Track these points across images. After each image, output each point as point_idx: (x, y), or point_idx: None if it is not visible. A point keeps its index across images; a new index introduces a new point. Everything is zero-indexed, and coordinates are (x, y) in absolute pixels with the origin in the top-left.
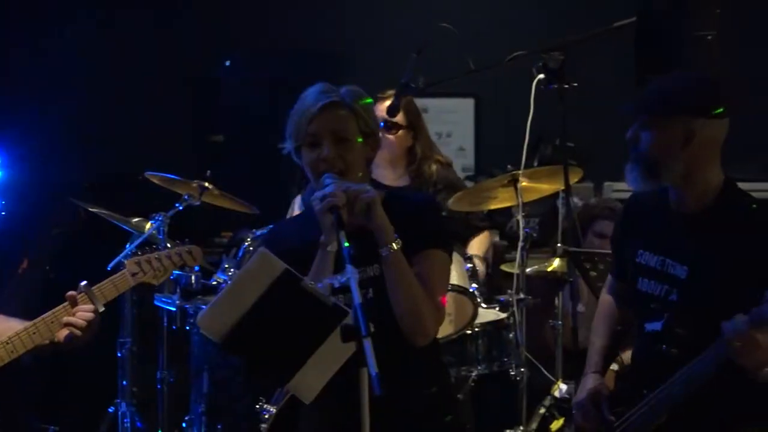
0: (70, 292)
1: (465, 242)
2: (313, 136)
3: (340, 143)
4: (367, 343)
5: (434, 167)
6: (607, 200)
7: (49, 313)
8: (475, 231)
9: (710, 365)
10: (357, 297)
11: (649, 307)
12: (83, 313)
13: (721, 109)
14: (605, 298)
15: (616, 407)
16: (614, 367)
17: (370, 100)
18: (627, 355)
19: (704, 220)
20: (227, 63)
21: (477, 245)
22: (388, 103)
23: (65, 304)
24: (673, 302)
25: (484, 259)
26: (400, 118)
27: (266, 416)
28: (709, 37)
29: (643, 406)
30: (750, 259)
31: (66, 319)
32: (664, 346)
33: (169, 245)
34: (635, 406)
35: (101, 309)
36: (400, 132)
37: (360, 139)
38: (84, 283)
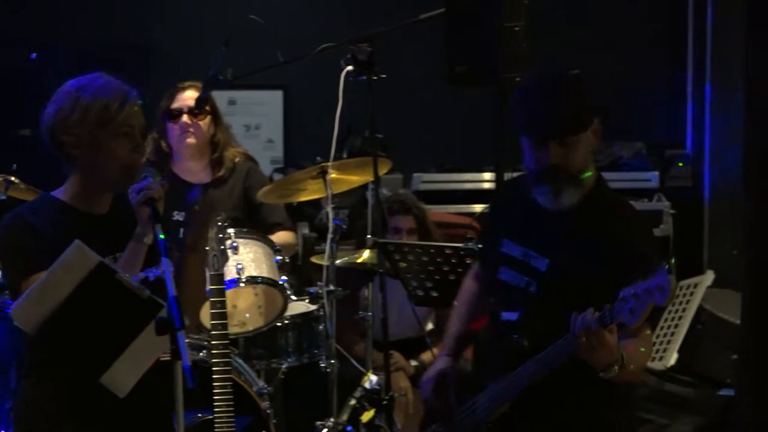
0: None
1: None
2: (128, 128)
3: (142, 138)
4: (181, 336)
5: (236, 158)
6: (399, 194)
7: None
8: (274, 227)
9: (558, 358)
10: (172, 289)
11: (509, 298)
12: None
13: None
14: (469, 283)
15: (462, 392)
16: (414, 363)
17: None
18: (427, 356)
19: (569, 217)
20: (33, 56)
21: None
22: (189, 93)
23: None
24: (532, 294)
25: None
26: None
27: None
28: (517, 28)
29: (489, 393)
30: (607, 257)
31: None
32: (516, 336)
33: None
34: (480, 392)
35: None
36: (207, 119)
37: None
38: None
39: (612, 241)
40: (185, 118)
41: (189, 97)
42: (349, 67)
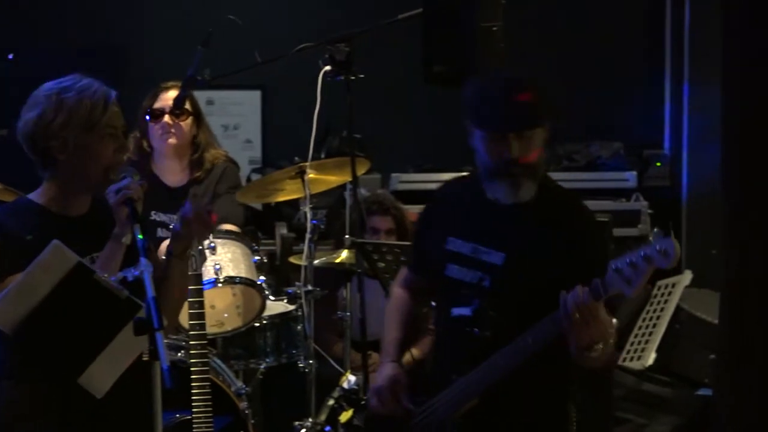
0: None
1: None
2: (113, 129)
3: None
4: (160, 336)
5: (217, 158)
6: (377, 195)
7: None
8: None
9: (541, 340)
10: (150, 290)
11: (459, 293)
12: None
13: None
14: (398, 291)
15: (416, 395)
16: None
17: None
18: (405, 356)
19: (526, 210)
20: (10, 56)
21: None
22: (172, 93)
23: None
24: (485, 288)
25: None
26: (186, 105)
27: None
28: (495, 28)
29: (454, 389)
30: (566, 248)
31: None
32: (476, 329)
33: None
34: (441, 391)
35: None
36: (189, 119)
37: None
38: None
39: (570, 232)
40: (167, 118)
41: (171, 97)
42: (327, 67)
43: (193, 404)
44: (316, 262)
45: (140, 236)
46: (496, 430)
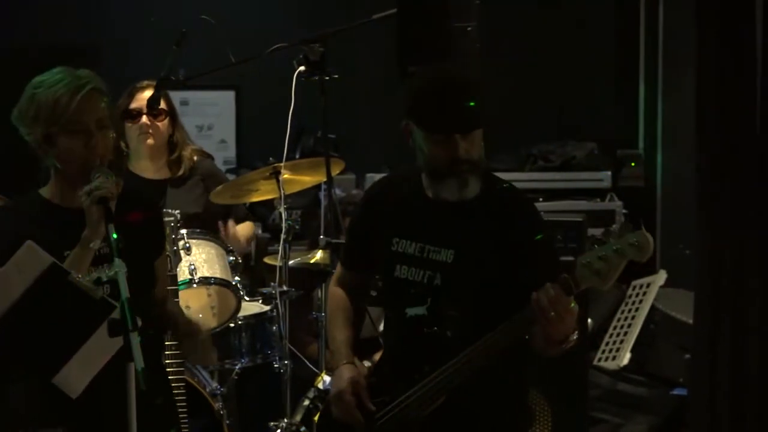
0: None
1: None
2: (79, 124)
3: (101, 131)
4: (133, 338)
5: (194, 156)
6: (353, 195)
7: None
8: (242, 220)
9: (508, 339)
10: (124, 291)
11: (410, 293)
12: None
13: None
14: (336, 290)
15: (376, 397)
16: (367, 363)
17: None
18: (380, 356)
19: (469, 207)
20: None
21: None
22: (148, 93)
23: None
24: (437, 286)
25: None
26: (162, 104)
27: None
28: (470, 29)
29: (420, 388)
30: (513, 241)
31: None
32: (435, 328)
33: None
34: (405, 392)
35: None
36: (166, 119)
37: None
38: None
39: (516, 225)
40: (145, 118)
41: (148, 97)
42: (302, 68)
43: None
44: (291, 262)
45: (114, 236)
46: (461, 426)
